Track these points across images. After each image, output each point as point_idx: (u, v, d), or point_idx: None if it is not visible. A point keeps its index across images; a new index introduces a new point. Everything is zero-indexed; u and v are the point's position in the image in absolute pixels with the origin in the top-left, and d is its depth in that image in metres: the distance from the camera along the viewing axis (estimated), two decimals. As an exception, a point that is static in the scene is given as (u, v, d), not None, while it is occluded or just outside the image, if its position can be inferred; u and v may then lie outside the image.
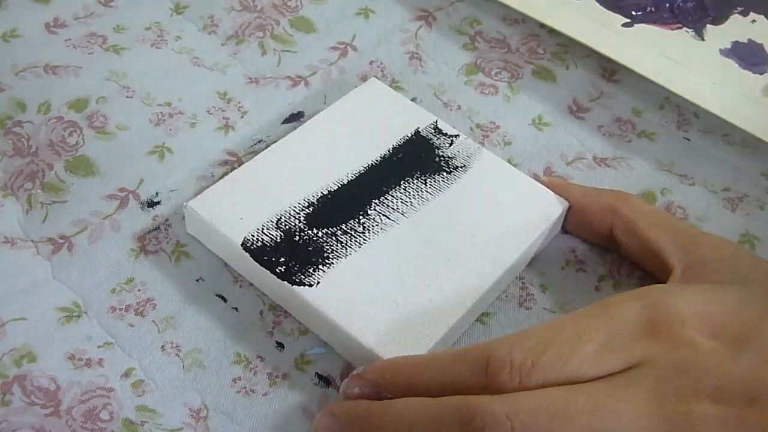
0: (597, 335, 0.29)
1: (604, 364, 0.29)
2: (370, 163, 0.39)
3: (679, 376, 0.28)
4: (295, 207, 0.37)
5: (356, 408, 0.31)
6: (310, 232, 0.36)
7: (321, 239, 0.36)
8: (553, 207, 0.38)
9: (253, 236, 0.36)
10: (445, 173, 0.39)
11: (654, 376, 0.28)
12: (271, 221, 0.36)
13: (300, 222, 0.37)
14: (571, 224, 0.39)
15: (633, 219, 0.37)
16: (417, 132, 0.41)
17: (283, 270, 0.35)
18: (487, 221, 0.37)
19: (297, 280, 0.34)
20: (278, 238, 0.36)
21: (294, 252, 0.35)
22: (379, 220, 0.37)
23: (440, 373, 0.30)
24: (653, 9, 0.48)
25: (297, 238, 0.36)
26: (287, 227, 0.36)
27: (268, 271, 0.35)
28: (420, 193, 0.38)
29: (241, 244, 0.35)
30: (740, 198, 0.42)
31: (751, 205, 0.42)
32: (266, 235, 0.36)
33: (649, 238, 0.36)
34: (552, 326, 0.30)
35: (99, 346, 0.35)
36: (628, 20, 0.47)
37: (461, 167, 0.39)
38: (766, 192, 0.42)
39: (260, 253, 0.35)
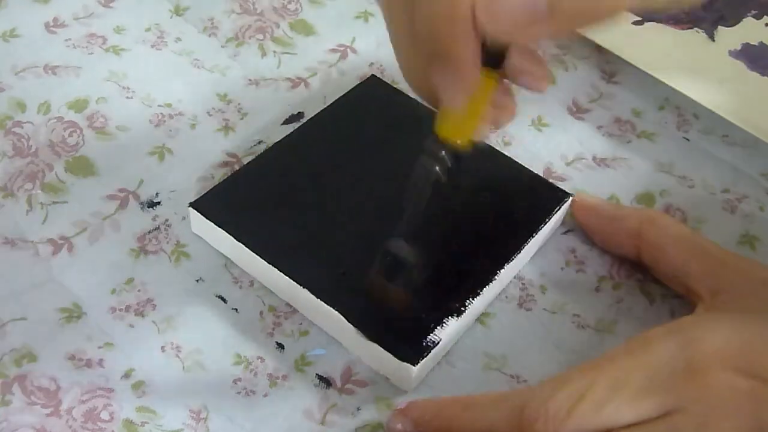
0: (634, 378, 0.29)
1: (641, 410, 0.28)
2: (372, 158, 0.39)
3: (717, 421, 0.28)
4: (301, 204, 0.37)
5: None
6: (317, 229, 0.36)
7: (328, 236, 0.36)
8: (556, 200, 0.38)
9: (262, 235, 0.36)
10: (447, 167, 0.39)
11: (692, 422, 0.28)
12: (279, 219, 0.36)
13: (307, 219, 0.37)
14: (599, 243, 0.39)
15: (659, 244, 0.36)
16: (417, 127, 0.41)
17: (293, 269, 0.35)
18: (489, 215, 0.37)
19: (308, 278, 0.34)
20: (287, 236, 0.36)
21: (304, 250, 0.35)
22: (383, 217, 0.37)
23: (478, 420, 0.30)
24: None
25: (306, 236, 0.36)
26: (295, 225, 0.36)
27: (278, 270, 0.35)
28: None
29: (249, 244, 0.35)
30: (739, 199, 0.42)
31: (751, 206, 0.42)
32: (275, 233, 0.36)
33: (676, 264, 0.35)
34: (590, 371, 0.30)
35: (99, 347, 0.35)
36: (639, 18, 0.47)
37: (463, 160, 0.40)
38: (766, 193, 0.42)
39: (270, 252, 0.35)
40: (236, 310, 0.36)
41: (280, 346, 0.35)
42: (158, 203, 0.39)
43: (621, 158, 0.43)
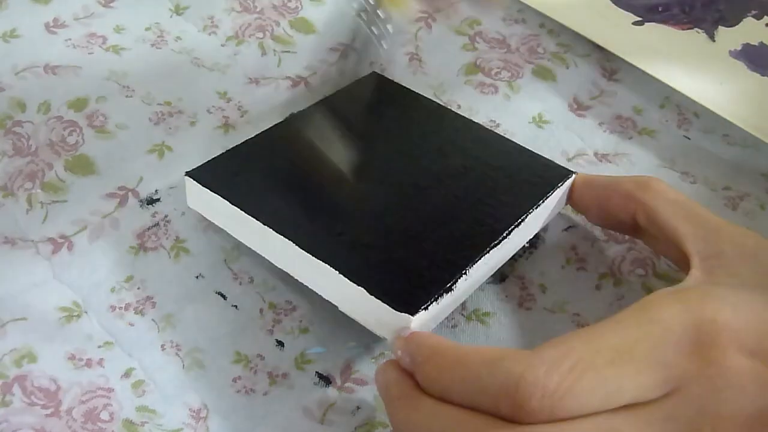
0: (639, 349, 0.27)
1: (643, 385, 0.27)
2: (374, 135, 0.40)
3: (717, 403, 0.27)
4: (298, 177, 0.37)
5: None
6: (314, 197, 0.36)
7: (326, 204, 0.36)
8: (560, 176, 0.38)
9: (256, 199, 0.36)
10: (448, 144, 0.40)
11: (692, 406, 0.27)
12: (275, 188, 0.36)
13: (304, 189, 0.37)
14: (594, 216, 0.38)
15: (654, 206, 0.35)
16: (417, 118, 0.41)
17: (288, 229, 0.34)
18: (491, 187, 0.37)
19: (304, 238, 0.34)
20: (283, 202, 0.36)
21: (300, 214, 0.35)
22: (385, 182, 0.37)
23: (468, 380, 0.28)
24: (666, 8, 0.48)
25: (303, 202, 0.36)
26: (292, 194, 0.36)
27: (274, 231, 0.34)
28: (425, 160, 0.39)
29: (243, 206, 0.35)
30: (741, 197, 0.42)
31: (751, 204, 0.41)
32: (269, 199, 0.36)
33: (669, 226, 0.34)
34: (592, 340, 0.28)
35: (99, 346, 0.34)
36: (640, 18, 0.47)
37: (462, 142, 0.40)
38: (767, 192, 0.42)
39: (263, 214, 0.35)
40: (236, 307, 0.36)
41: (280, 343, 0.35)
42: (158, 200, 0.39)
43: (623, 153, 0.43)
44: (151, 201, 0.39)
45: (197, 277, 0.37)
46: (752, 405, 0.27)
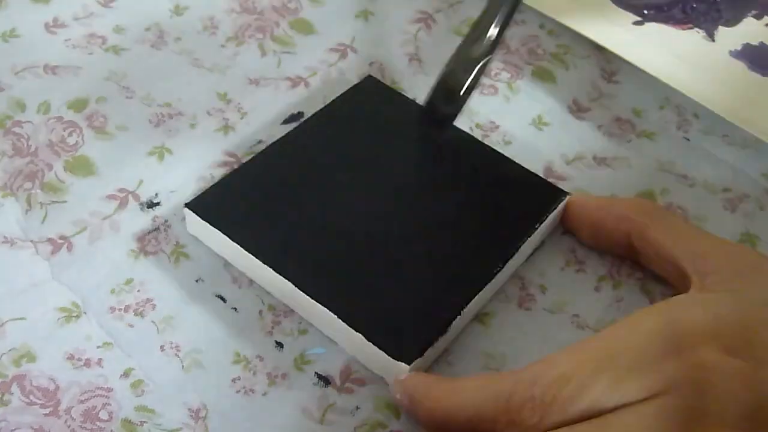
0: (620, 359, 0.28)
1: (626, 392, 0.28)
2: (368, 158, 0.39)
3: (707, 403, 0.27)
4: (297, 204, 0.37)
5: None
6: (313, 229, 0.36)
7: (324, 236, 0.36)
8: (554, 198, 0.38)
9: (257, 235, 0.36)
10: (440, 164, 0.40)
11: (678, 406, 0.27)
12: (275, 219, 0.36)
13: (303, 220, 0.37)
14: (589, 238, 0.39)
15: (649, 227, 0.36)
16: (413, 127, 0.41)
17: (287, 268, 0.35)
18: (486, 213, 0.38)
19: (302, 278, 0.34)
20: (282, 236, 0.36)
21: (299, 250, 0.36)
22: (380, 216, 0.37)
23: (464, 404, 0.30)
24: (666, 8, 0.48)
25: (302, 236, 0.36)
26: (291, 225, 0.36)
27: (272, 270, 0.35)
28: (418, 186, 0.39)
29: (243, 243, 0.35)
30: (740, 198, 0.42)
31: (751, 205, 0.42)
32: (270, 233, 0.36)
33: (664, 246, 0.35)
34: (576, 352, 0.30)
35: (98, 347, 0.35)
36: (640, 18, 0.47)
37: (456, 158, 0.40)
38: (766, 192, 0.42)
39: (264, 251, 0.35)
40: (235, 309, 0.36)
41: (279, 344, 0.35)
42: (158, 204, 0.39)
43: (621, 157, 0.43)
44: (151, 205, 0.39)
45: (197, 280, 0.37)
46: (742, 404, 0.27)
